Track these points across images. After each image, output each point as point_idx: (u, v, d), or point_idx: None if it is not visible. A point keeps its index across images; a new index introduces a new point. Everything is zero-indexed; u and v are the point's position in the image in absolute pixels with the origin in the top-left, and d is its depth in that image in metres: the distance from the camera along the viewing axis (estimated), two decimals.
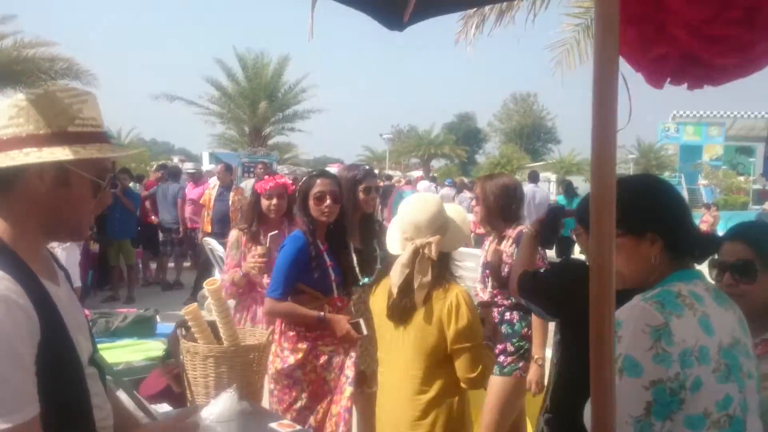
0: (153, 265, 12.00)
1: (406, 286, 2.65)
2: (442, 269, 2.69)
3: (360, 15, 2.56)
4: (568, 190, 14.49)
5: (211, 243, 9.61)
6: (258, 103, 27.89)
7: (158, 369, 3.22)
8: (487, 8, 5.85)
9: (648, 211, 1.74)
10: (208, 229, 10.29)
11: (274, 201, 4.31)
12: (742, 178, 38.20)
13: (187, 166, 13.45)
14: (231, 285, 4.19)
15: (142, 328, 5.16)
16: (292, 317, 3.53)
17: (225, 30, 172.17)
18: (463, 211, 2.95)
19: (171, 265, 11.65)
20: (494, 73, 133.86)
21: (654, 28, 1.93)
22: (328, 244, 3.66)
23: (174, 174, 12.11)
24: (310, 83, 30.50)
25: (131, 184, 11.40)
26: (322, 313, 3.47)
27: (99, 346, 4.88)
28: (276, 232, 4.15)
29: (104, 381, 1.69)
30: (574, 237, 2.25)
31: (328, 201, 3.56)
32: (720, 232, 6.69)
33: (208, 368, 2.88)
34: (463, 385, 2.67)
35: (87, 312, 5.19)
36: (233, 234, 4.36)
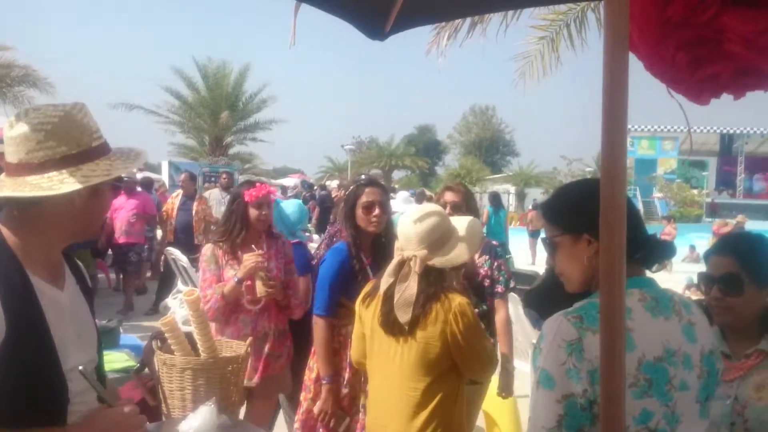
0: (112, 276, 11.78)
1: (392, 297, 2.61)
2: (437, 283, 2.63)
3: (320, 27, 2.56)
4: (494, 200, 15.00)
5: (174, 253, 9.46)
6: (219, 112, 27.70)
7: (132, 381, 3.14)
8: (460, 19, 5.91)
9: (584, 213, 1.72)
10: (171, 238, 10.14)
11: (264, 211, 3.91)
12: (695, 191, 39.20)
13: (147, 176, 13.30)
14: (220, 299, 3.72)
15: (105, 339, 5.04)
16: (318, 347, 3.48)
17: (182, 39, 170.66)
18: (476, 226, 2.84)
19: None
20: (454, 85, 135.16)
21: (709, 49, 1.96)
22: (372, 257, 3.52)
23: (145, 185, 12.11)
24: (271, 94, 30.43)
25: None
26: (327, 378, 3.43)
27: None
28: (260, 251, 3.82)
29: (101, 395, 1.71)
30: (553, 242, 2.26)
31: (377, 210, 3.47)
32: (678, 245, 6.79)
33: (185, 381, 2.81)
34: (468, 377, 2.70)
35: None
36: (208, 248, 3.90)
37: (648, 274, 1.81)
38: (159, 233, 11.38)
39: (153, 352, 2.94)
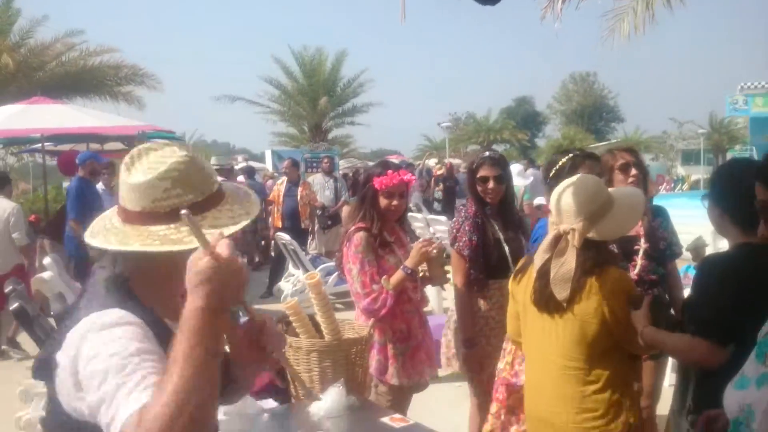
0: None
1: (548, 273, 2.48)
2: (597, 256, 2.47)
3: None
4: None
5: (284, 237, 9.68)
6: (317, 99, 28.01)
7: None
8: None
9: None
10: (279, 224, 10.38)
11: (395, 201, 3.50)
12: None
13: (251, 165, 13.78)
14: (392, 295, 3.35)
15: None
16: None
17: (277, 28, 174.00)
18: (638, 195, 2.69)
19: None
20: (551, 54, 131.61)
21: None
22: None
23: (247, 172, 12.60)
24: (368, 77, 30.45)
25: None
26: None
27: None
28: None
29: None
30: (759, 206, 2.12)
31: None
32: None
33: (311, 363, 2.83)
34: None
35: None
36: (362, 236, 3.43)
37: None
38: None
39: None
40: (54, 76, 17.23)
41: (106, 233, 1.49)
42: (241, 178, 12.50)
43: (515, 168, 11.05)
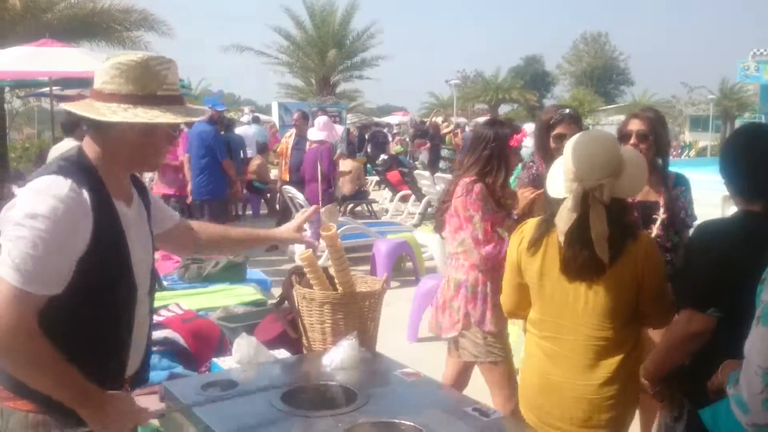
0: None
1: (583, 236, 2.35)
2: (623, 216, 2.45)
3: None
4: None
5: (291, 191, 9.68)
6: (326, 51, 27.74)
7: (272, 314, 3.22)
8: None
9: None
10: (286, 177, 10.35)
11: (516, 159, 3.78)
12: None
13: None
14: (506, 243, 3.24)
15: (233, 273, 5.30)
16: None
17: None
18: (638, 155, 2.66)
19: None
20: (563, 12, 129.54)
21: None
22: None
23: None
24: (377, 29, 30.04)
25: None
26: None
27: (193, 291, 4.98)
28: None
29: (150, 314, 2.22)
30: None
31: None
32: None
33: (324, 315, 2.85)
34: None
35: (179, 258, 5.34)
36: (481, 186, 3.55)
37: None
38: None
39: (292, 287, 2.99)
40: (62, 19, 16.93)
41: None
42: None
43: (529, 127, 10.97)
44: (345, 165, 13.10)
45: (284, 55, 29.79)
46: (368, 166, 17.41)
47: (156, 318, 3.30)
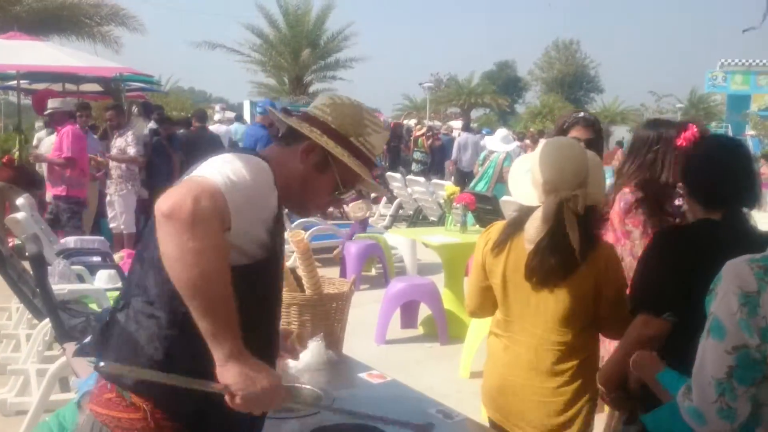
0: None
1: (551, 245, 2.37)
2: (588, 225, 2.45)
3: None
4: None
5: None
6: (299, 51, 27.67)
7: None
8: None
9: None
10: None
11: None
12: None
13: (228, 115, 13.47)
14: None
15: None
16: None
17: None
18: (598, 160, 2.60)
19: None
20: (536, 19, 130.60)
21: None
22: None
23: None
24: (352, 32, 30.05)
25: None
26: None
27: None
28: None
29: None
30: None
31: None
32: None
33: (291, 316, 2.85)
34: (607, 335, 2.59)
35: None
36: (641, 197, 3.16)
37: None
38: None
39: None
40: (31, 12, 16.71)
41: None
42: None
43: (500, 133, 11.03)
44: None
45: (257, 54, 29.65)
46: None
47: None
